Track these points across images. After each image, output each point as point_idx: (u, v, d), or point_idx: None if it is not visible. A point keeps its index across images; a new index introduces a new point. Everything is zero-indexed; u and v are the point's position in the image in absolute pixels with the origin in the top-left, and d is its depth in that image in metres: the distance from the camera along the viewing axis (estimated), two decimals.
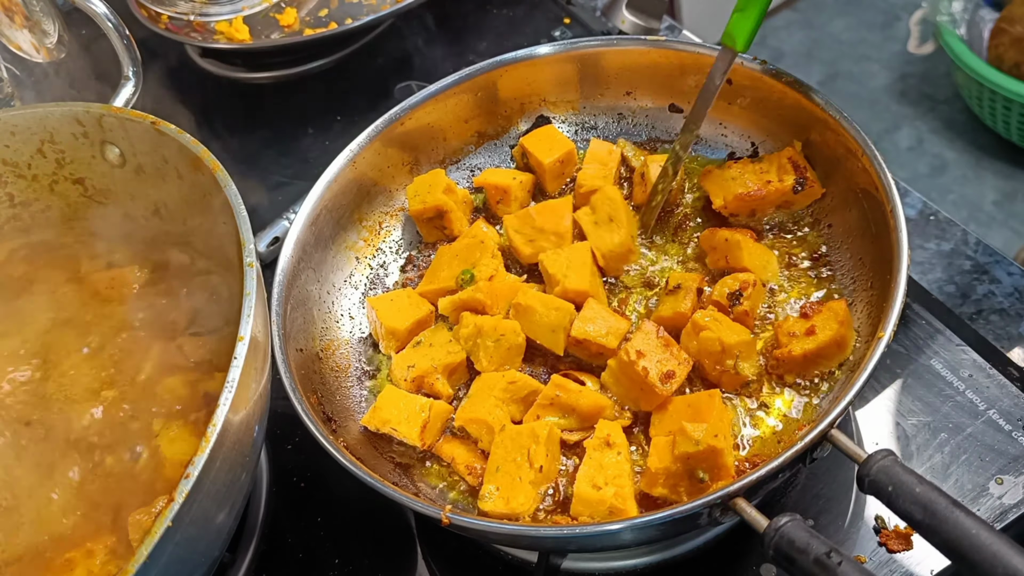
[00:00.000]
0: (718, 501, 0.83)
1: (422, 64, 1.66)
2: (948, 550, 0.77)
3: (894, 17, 3.48)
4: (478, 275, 1.15)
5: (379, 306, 1.15)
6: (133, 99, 1.28)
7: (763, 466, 0.84)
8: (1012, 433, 1.05)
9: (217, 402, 0.82)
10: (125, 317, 1.14)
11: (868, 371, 0.88)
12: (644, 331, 1.03)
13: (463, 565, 1.10)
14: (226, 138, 1.65)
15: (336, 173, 1.21)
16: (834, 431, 0.86)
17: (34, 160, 1.17)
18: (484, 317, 1.10)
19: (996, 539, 0.74)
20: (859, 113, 3.08)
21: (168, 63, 1.76)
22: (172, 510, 0.76)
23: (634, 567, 1.04)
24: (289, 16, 1.65)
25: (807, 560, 0.77)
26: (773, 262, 1.11)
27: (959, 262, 1.21)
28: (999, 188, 2.90)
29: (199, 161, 1.02)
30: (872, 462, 0.82)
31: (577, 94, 1.31)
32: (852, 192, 1.09)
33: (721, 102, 1.21)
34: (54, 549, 0.96)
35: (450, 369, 1.10)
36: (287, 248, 1.14)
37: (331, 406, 1.08)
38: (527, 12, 1.72)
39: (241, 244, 0.93)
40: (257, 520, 1.12)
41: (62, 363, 1.10)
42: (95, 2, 1.26)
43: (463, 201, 1.25)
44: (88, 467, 1.02)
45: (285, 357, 1.04)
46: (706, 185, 1.17)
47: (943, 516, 0.77)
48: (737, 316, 1.05)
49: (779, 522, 0.80)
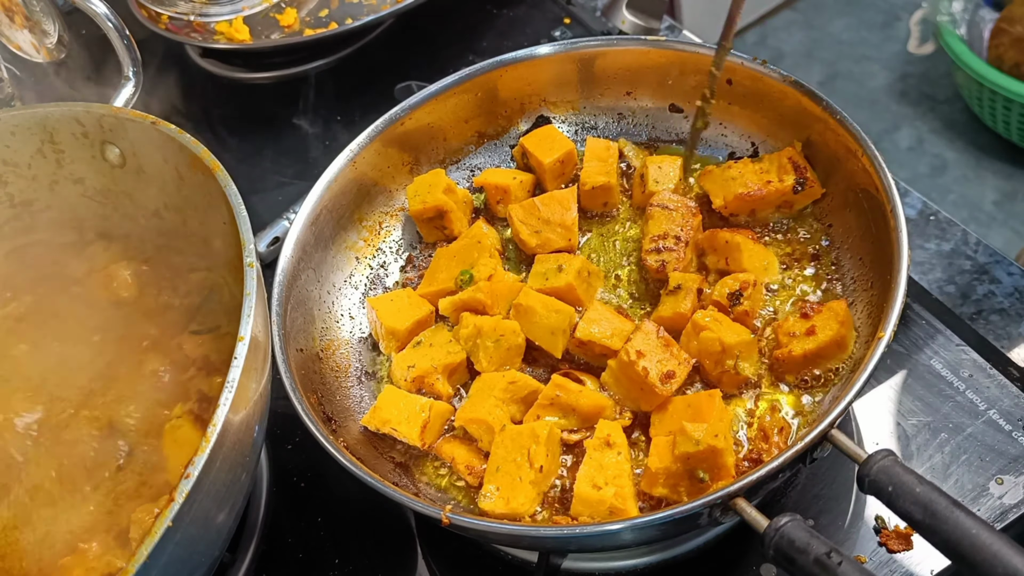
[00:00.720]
0: (718, 501, 0.83)
1: (422, 64, 1.66)
2: (948, 550, 0.77)
3: (894, 17, 3.48)
4: (477, 275, 1.15)
5: (379, 306, 1.15)
6: (133, 99, 1.28)
7: (763, 466, 0.84)
8: (1012, 433, 1.05)
9: (217, 402, 0.82)
10: (125, 317, 1.14)
11: (868, 371, 0.88)
12: (644, 331, 1.03)
13: (463, 565, 1.10)
14: (226, 138, 1.65)
15: (336, 173, 1.21)
16: (834, 431, 0.86)
17: (34, 160, 1.17)
18: (484, 317, 1.10)
19: (996, 539, 0.74)
20: (859, 113, 3.08)
21: (168, 63, 1.76)
22: (172, 510, 0.76)
23: (634, 567, 1.04)
24: (289, 16, 1.65)
25: (807, 560, 0.77)
26: (774, 263, 1.11)
27: (959, 262, 1.21)
28: (999, 188, 2.90)
29: (199, 161, 1.02)
30: (872, 462, 0.82)
31: (577, 94, 1.31)
32: (852, 192, 1.09)
33: (721, 102, 1.21)
34: (53, 546, 0.96)
35: (450, 369, 1.10)
36: (287, 248, 1.14)
37: (331, 406, 1.08)
38: (527, 12, 1.72)
39: (241, 244, 0.93)
40: (257, 520, 1.12)
41: (62, 361, 1.10)
42: (95, 2, 1.26)
43: (463, 201, 1.25)
44: (87, 466, 1.02)
45: (285, 357, 1.04)
46: (706, 185, 1.17)
47: (943, 516, 0.77)
48: (737, 316, 1.05)
49: (779, 522, 0.80)
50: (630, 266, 1.18)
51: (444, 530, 0.92)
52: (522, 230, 1.18)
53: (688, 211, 1.13)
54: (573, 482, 0.98)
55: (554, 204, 1.18)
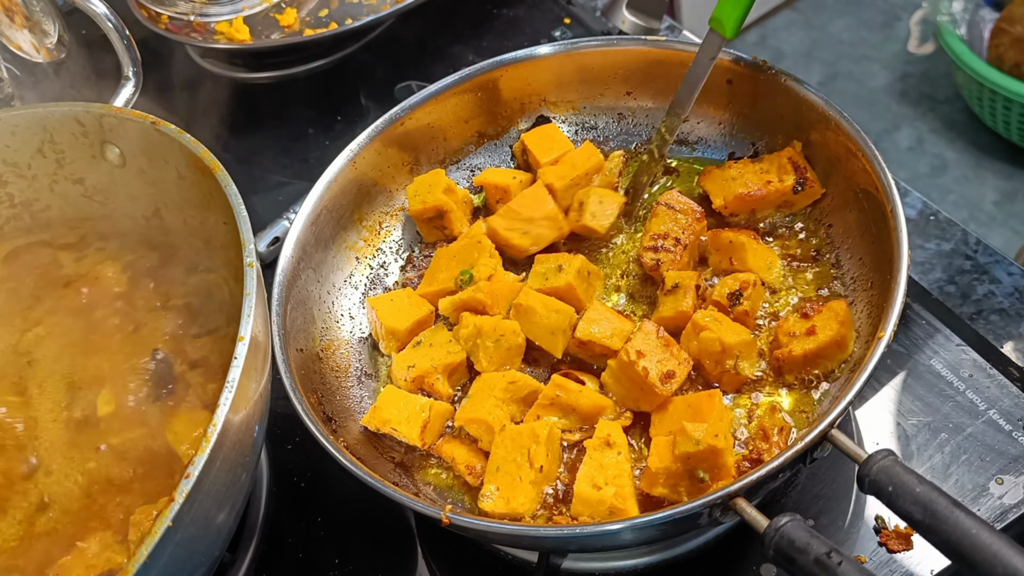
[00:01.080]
0: (718, 501, 0.83)
1: (422, 64, 1.66)
2: (948, 550, 0.77)
3: (894, 17, 3.48)
4: (477, 275, 1.15)
5: (379, 306, 1.15)
6: (133, 99, 1.28)
7: (763, 466, 0.84)
8: (1012, 433, 1.05)
9: (217, 402, 0.82)
10: (126, 317, 1.14)
11: (868, 371, 0.88)
12: (644, 331, 1.03)
13: (463, 565, 1.10)
14: (226, 138, 1.65)
15: (336, 173, 1.21)
16: (834, 431, 0.86)
17: (34, 160, 1.17)
18: (484, 317, 1.10)
19: (996, 539, 0.74)
20: (859, 113, 3.08)
21: (168, 63, 1.76)
22: (172, 510, 0.76)
23: (634, 567, 1.04)
24: (289, 16, 1.65)
25: (807, 560, 0.77)
26: (776, 263, 1.11)
27: (959, 262, 1.21)
28: (999, 188, 2.90)
29: (199, 161, 1.02)
30: (872, 462, 0.82)
31: (577, 94, 1.31)
32: (852, 192, 1.09)
33: (722, 102, 1.21)
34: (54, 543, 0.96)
35: (450, 369, 1.10)
36: (287, 248, 1.14)
37: (331, 406, 1.08)
38: (527, 12, 1.72)
39: (241, 244, 0.93)
40: (257, 520, 1.12)
41: (63, 361, 1.10)
42: (95, 2, 1.26)
43: (463, 201, 1.25)
44: (86, 465, 1.02)
45: (285, 357, 1.04)
46: (706, 185, 1.17)
47: (943, 516, 0.77)
48: (737, 316, 1.05)
49: (779, 522, 0.80)
50: (628, 277, 1.18)
51: (444, 530, 0.92)
52: (511, 236, 1.18)
53: (693, 215, 1.13)
54: (573, 482, 0.98)
55: (529, 201, 1.18)
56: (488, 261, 1.16)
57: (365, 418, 1.07)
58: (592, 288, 1.15)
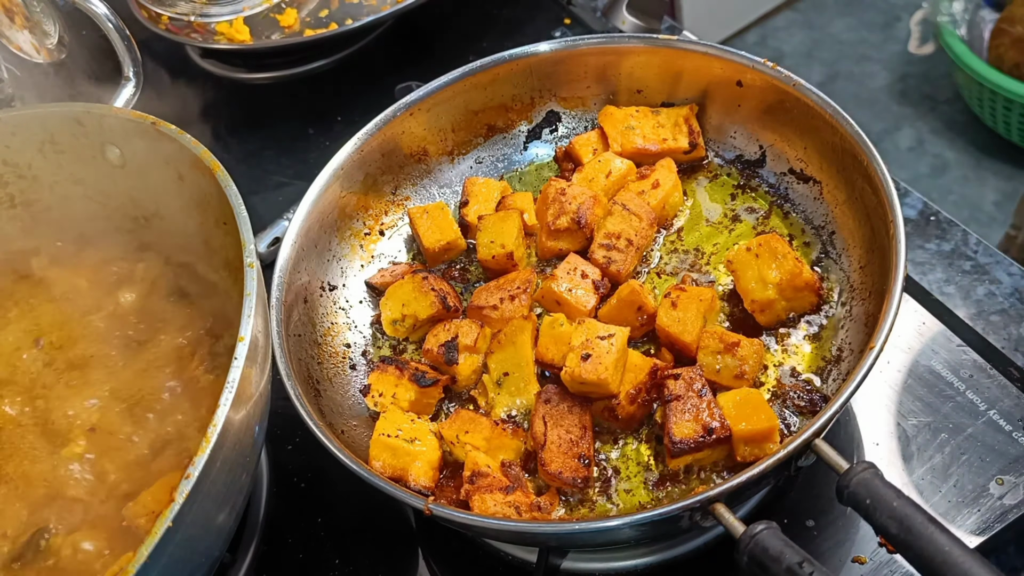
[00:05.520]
0: (697, 505, 0.84)
1: (422, 64, 1.66)
2: (921, 566, 0.77)
3: (894, 17, 3.48)
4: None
5: (417, 218, 1.21)
6: (133, 100, 1.28)
7: (744, 473, 0.84)
8: (1012, 434, 1.05)
9: (217, 402, 0.82)
10: (126, 317, 1.14)
11: (856, 382, 0.88)
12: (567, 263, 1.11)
13: (463, 565, 1.10)
14: (226, 138, 1.65)
15: (336, 173, 1.21)
16: (818, 441, 0.86)
17: (34, 160, 1.17)
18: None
19: (969, 557, 0.74)
20: (859, 113, 3.05)
21: (168, 64, 1.76)
22: (172, 510, 0.76)
23: (634, 567, 1.04)
24: (289, 17, 1.65)
25: (779, 568, 0.77)
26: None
27: (959, 262, 1.21)
28: (999, 188, 2.90)
29: (199, 161, 1.02)
30: (852, 474, 0.82)
31: (580, 92, 1.31)
32: (852, 192, 1.09)
33: (729, 105, 1.21)
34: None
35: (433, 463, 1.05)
36: (286, 248, 1.14)
37: (331, 406, 1.08)
38: (527, 12, 1.72)
39: (241, 244, 0.93)
40: (257, 520, 1.12)
41: (62, 361, 1.10)
42: (95, 3, 1.26)
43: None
44: (86, 464, 1.02)
45: (285, 357, 1.04)
46: (603, 123, 1.24)
47: (918, 532, 0.77)
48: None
49: (754, 529, 0.80)
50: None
51: (444, 530, 0.92)
52: (492, 315, 1.12)
53: (648, 219, 1.15)
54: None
55: (507, 286, 1.14)
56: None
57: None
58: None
